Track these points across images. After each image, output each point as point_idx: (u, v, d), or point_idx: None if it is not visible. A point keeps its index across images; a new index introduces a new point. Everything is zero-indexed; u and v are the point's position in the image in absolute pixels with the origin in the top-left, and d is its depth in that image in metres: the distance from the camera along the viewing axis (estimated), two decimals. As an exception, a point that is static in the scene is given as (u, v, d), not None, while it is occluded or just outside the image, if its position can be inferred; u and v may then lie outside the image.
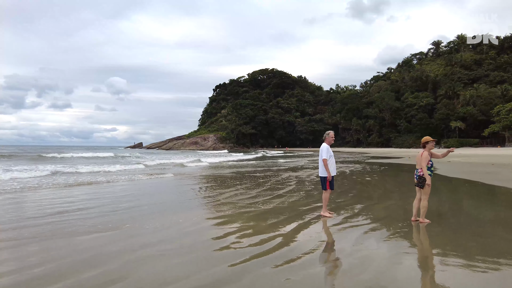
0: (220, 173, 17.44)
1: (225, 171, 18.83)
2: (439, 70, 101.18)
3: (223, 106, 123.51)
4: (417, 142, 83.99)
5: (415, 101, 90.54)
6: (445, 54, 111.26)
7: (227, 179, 14.15)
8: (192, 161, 28.46)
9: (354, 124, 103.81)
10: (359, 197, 8.85)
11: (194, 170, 20.38)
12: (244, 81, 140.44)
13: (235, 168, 21.30)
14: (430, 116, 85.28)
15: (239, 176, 15.73)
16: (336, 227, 5.63)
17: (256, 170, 19.39)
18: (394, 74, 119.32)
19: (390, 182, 13.42)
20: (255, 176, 15.42)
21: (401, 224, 5.70)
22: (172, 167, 22.00)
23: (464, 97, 78.10)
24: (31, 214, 6.65)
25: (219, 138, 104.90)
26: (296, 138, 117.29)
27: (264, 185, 11.73)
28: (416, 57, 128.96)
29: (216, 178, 14.99)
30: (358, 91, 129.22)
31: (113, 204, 7.74)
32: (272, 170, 19.64)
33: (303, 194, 9.45)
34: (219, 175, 16.25)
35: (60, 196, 9.04)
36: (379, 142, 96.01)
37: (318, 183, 11.71)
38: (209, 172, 18.38)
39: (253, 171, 18.59)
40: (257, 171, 18.54)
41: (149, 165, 23.61)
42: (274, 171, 18.36)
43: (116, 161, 28.69)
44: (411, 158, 36.48)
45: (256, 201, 8.22)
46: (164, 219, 6.13)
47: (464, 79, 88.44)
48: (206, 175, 16.77)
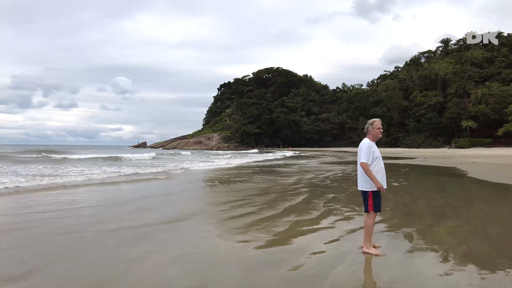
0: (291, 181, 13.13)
1: (290, 179, 14.09)
2: (448, 69, 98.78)
3: (227, 105, 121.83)
4: (426, 142, 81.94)
5: (424, 100, 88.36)
6: (455, 52, 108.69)
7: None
8: (220, 163, 26.62)
9: (361, 124, 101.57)
10: (400, 213, 7.03)
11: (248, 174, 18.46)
12: (249, 80, 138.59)
13: (292, 173, 17.27)
14: (439, 115, 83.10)
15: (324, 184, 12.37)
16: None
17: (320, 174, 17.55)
18: (402, 72, 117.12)
19: (427, 189, 11.61)
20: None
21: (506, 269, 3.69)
22: (226, 170, 20.02)
23: (475, 95, 75.74)
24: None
25: (223, 137, 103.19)
26: (301, 137, 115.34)
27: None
28: (424, 55, 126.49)
29: (311, 186, 11.72)
30: (365, 90, 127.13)
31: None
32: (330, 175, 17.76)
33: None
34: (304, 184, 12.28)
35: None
36: (387, 141, 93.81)
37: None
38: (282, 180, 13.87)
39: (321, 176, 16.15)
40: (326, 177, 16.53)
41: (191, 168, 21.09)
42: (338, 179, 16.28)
43: (160, 162, 26.44)
44: (427, 158, 34.58)
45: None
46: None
47: (475, 77, 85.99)
48: (292, 183, 12.54)
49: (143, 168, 19.05)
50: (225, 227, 5.92)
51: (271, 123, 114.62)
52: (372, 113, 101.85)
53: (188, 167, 21.71)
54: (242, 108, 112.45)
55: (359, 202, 7.76)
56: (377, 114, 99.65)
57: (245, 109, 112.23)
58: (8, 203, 8.25)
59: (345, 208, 7.58)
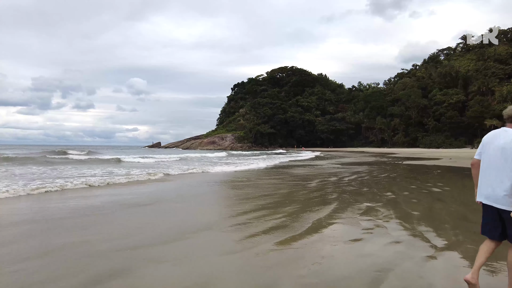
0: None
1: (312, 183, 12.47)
2: (469, 66, 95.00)
3: (241, 105, 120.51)
4: (447, 142, 78.71)
5: (444, 99, 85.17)
6: (476, 49, 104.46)
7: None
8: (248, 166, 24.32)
9: (378, 123, 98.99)
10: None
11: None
12: (263, 80, 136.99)
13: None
14: (461, 114, 79.86)
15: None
16: None
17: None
18: (420, 70, 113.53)
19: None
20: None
21: None
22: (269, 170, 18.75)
23: (500, 93, 72.39)
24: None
25: (236, 137, 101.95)
26: (316, 137, 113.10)
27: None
28: (444, 52, 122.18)
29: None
30: (382, 89, 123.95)
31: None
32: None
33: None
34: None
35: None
36: (405, 142, 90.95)
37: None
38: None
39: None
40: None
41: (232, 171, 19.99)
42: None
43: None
44: (454, 159, 32.39)
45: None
46: None
47: (499, 74, 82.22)
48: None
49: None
50: (236, 252, 4.46)
51: (285, 123, 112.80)
52: (389, 112, 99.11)
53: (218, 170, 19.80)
54: (255, 108, 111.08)
55: (406, 215, 6.25)
56: (394, 113, 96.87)
57: (259, 109, 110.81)
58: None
59: (391, 224, 6.04)
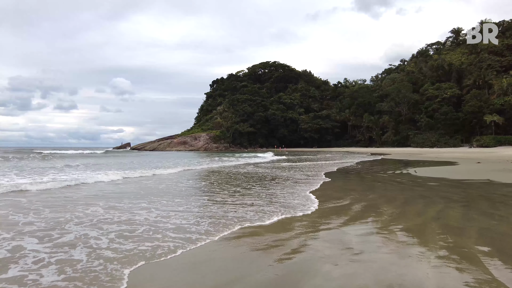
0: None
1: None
2: (461, 59, 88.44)
3: (219, 102, 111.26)
4: (441, 140, 71.44)
5: (437, 93, 77.99)
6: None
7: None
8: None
9: (366, 121, 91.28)
10: None
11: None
12: (244, 76, 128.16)
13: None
14: (456, 109, 72.70)
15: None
16: None
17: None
18: (409, 65, 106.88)
19: None
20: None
21: None
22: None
23: (499, 85, 65.42)
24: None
25: (212, 137, 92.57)
26: (299, 137, 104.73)
27: None
28: (433, 47, 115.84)
29: None
30: (369, 85, 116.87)
31: None
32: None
33: None
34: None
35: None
36: (395, 140, 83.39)
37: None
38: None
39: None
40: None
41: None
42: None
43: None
44: (483, 162, 24.31)
45: None
46: None
47: (495, 67, 75.50)
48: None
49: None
50: None
51: (266, 121, 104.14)
52: (377, 109, 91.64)
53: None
54: (234, 105, 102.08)
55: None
56: (383, 110, 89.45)
57: (238, 106, 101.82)
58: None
59: None
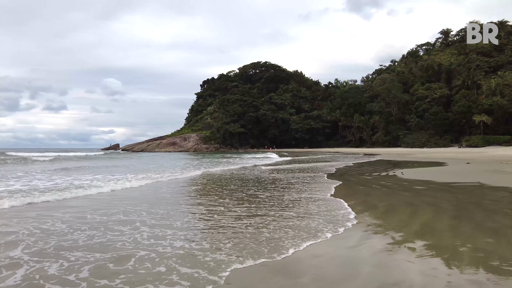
0: None
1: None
2: (451, 60, 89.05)
3: (209, 102, 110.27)
4: (431, 140, 71.63)
5: (427, 93, 78.27)
6: (456, 43, 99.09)
7: None
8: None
9: (356, 121, 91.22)
10: None
11: None
12: (234, 76, 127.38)
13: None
14: (446, 109, 72.98)
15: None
16: None
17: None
18: (400, 65, 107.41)
19: None
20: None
21: None
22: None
23: (488, 86, 65.72)
24: None
25: (202, 138, 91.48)
26: (290, 137, 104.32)
27: None
28: (423, 48, 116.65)
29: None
30: (360, 86, 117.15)
31: None
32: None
33: None
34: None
35: None
36: (386, 141, 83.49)
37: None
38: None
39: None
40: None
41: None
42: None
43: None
44: (452, 162, 23.97)
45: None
46: None
47: (484, 67, 76.11)
48: None
49: None
50: None
51: (257, 122, 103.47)
52: (368, 109, 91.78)
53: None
54: (224, 106, 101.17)
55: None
56: (373, 110, 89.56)
57: (228, 106, 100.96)
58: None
59: None
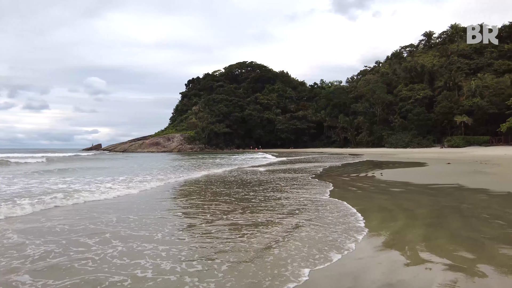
0: None
1: None
2: (433, 62, 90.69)
3: (194, 102, 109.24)
4: (414, 140, 72.68)
5: (410, 94, 79.30)
6: (438, 45, 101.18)
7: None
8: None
9: (341, 121, 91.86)
10: None
11: None
12: (220, 75, 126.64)
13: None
14: (428, 110, 74.07)
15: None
16: None
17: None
18: (384, 67, 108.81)
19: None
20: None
21: None
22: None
23: (468, 87, 67.00)
24: None
25: (186, 138, 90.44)
26: (276, 137, 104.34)
27: None
28: (406, 49, 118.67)
29: None
30: (345, 87, 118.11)
31: None
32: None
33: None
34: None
35: None
36: (370, 141, 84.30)
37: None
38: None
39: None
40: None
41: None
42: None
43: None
44: (433, 162, 24.07)
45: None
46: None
47: (464, 69, 77.62)
48: None
49: None
50: None
51: (243, 122, 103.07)
52: (352, 109, 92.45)
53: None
54: (210, 105, 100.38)
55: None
56: (358, 110, 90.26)
57: (213, 106, 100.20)
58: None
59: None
